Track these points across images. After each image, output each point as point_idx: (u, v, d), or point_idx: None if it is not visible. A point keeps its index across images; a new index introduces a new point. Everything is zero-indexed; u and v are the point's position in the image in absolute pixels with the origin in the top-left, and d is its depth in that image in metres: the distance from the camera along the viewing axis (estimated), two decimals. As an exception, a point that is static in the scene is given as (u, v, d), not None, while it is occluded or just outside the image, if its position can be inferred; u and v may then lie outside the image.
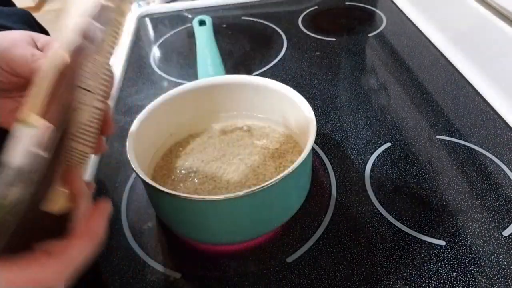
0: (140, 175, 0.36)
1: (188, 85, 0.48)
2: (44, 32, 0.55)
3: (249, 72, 0.67)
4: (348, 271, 0.39)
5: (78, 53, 0.27)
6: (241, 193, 0.34)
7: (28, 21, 0.51)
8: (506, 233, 0.41)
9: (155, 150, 0.47)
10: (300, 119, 0.43)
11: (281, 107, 0.47)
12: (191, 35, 0.78)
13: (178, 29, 0.82)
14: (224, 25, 0.81)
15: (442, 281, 0.38)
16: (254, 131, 0.49)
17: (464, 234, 0.41)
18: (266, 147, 0.47)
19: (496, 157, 0.49)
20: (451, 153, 0.51)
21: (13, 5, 0.57)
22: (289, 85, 0.46)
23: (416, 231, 0.42)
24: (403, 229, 0.42)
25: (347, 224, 0.43)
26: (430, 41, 0.72)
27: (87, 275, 0.27)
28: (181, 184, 0.43)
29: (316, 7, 0.85)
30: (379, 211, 0.44)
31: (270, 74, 0.66)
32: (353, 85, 0.63)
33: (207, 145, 0.48)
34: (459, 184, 0.47)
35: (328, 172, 0.49)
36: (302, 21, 0.81)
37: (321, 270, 0.39)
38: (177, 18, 0.86)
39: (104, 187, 0.49)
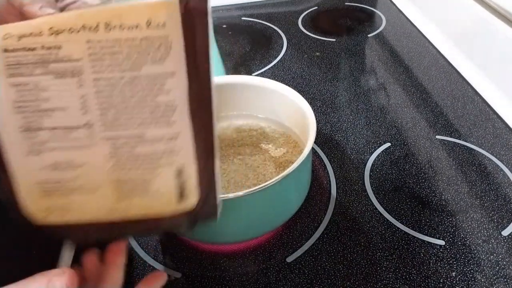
0: (141, 175, 0.36)
1: (188, 85, 0.48)
2: None
3: (249, 72, 0.67)
4: (348, 270, 0.39)
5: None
6: (241, 193, 0.34)
7: None
8: (505, 233, 0.41)
9: (156, 150, 0.47)
10: (300, 119, 0.44)
11: (281, 107, 0.47)
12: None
13: (178, 30, 0.82)
14: (224, 26, 0.81)
15: (441, 281, 0.38)
16: (255, 131, 0.49)
17: (463, 234, 0.42)
18: (266, 148, 0.47)
19: (495, 157, 0.50)
20: (450, 153, 0.51)
21: None
22: (289, 85, 0.46)
23: (415, 230, 0.42)
24: (402, 228, 0.42)
25: (347, 224, 0.43)
26: (429, 41, 0.72)
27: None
28: (181, 184, 0.43)
29: (316, 7, 0.85)
30: (378, 211, 0.44)
31: (270, 74, 0.67)
32: (353, 85, 0.63)
33: (207, 145, 0.48)
34: (459, 184, 0.47)
35: (328, 172, 0.49)
36: (302, 21, 0.81)
37: (321, 270, 0.39)
38: (177, 19, 0.86)
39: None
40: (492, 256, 0.39)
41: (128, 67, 0.23)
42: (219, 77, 0.50)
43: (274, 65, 0.69)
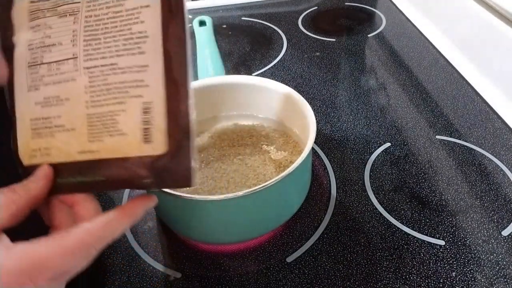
0: (141, 175, 0.36)
1: (188, 85, 0.48)
2: None
3: (249, 72, 0.67)
4: (348, 270, 0.39)
5: None
6: (241, 193, 0.34)
7: None
8: (505, 233, 0.41)
9: (156, 150, 0.47)
10: (300, 119, 0.44)
11: (281, 107, 0.47)
12: (191, 35, 0.78)
13: (178, 30, 0.82)
14: (224, 26, 0.81)
15: (441, 281, 0.38)
16: (255, 131, 0.49)
17: (463, 234, 0.42)
18: (266, 148, 0.47)
19: (495, 157, 0.50)
20: (450, 153, 0.51)
21: None
22: (289, 85, 0.46)
23: (415, 230, 0.42)
24: (402, 228, 0.42)
25: (347, 224, 0.43)
26: (429, 41, 0.72)
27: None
28: (181, 184, 0.43)
29: (316, 7, 0.85)
30: (378, 211, 0.44)
31: (270, 74, 0.67)
32: (353, 85, 0.63)
33: (207, 145, 0.48)
34: (459, 184, 0.47)
35: (328, 172, 0.49)
36: (302, 21, 0.81)
37: (321, 270, 0.39)
38: (177, 19, 0.86)
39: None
40: (492, 256, 0.39)
41: (114, 3, 0.26)
42: (219, 77, 0.50)
43: (274, 65, 0.69)
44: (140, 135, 0.26)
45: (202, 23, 0.62)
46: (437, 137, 0.53)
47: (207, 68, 0.53)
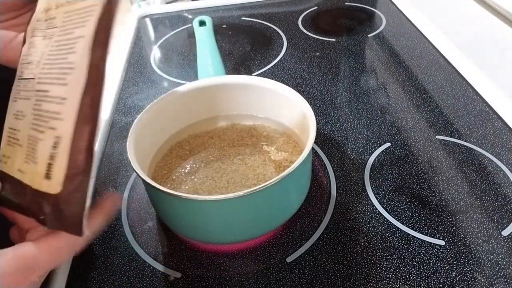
0: (140, 175, 0.36)
1: (188, 85, 0.48)
2: None
3: (249, 72, 0.67)
4: (348, 270, 0.39)
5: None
6: (241, 193, 0.34)
7: None
8: (505, 233, 0.41)
9: (156, 150, 0.47)
10: (300, 119, 0.44)
11: (281, 107, 0.47)
12: (191, 35, 0.78)
13: (178, 30, 0.82)
14: (224, 26, 0.81)
15: (441, 281, 0.38)
16: (255, 131, 0.49)
17: (463, 234, 0.42)
18: (266, 148, 0.47)
19: (496, 157, 0.50)
20: (450, 153, 0.51)
21: None
22: (289, 85, 0.46)
23: (415, 230, 0.42)
24: (402, 228, 0.42)
25: (347, 224, 0.43)
26: (429, 41, 0.72)
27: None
28: (181, 184, 0.43)
29: (316, 7, 0.85)
30: (378, 211, 0.44)
31: (270, 74, 0.67)
32: (353, 85, 0.63)
33: (207, 145, 0.48)
34: (459, 184, 0.47)
35: (328, 172, 0.49)
36: (302, 21, 0.81)
37: (321, 270, 0.39)
38: (178, 19, 0.86)
39: (104, 186, 0.50)
40: (492, 256, 0.39)
41: (71, 30, 0.27)
42: (219, 77, 0.50)
43: (274, 65, 0.69)
44: (44, 169, 0.26)
45: (202, 23, 0.62)
46: (437, 137, 0.53)
47: (207, 68, 0.53)
